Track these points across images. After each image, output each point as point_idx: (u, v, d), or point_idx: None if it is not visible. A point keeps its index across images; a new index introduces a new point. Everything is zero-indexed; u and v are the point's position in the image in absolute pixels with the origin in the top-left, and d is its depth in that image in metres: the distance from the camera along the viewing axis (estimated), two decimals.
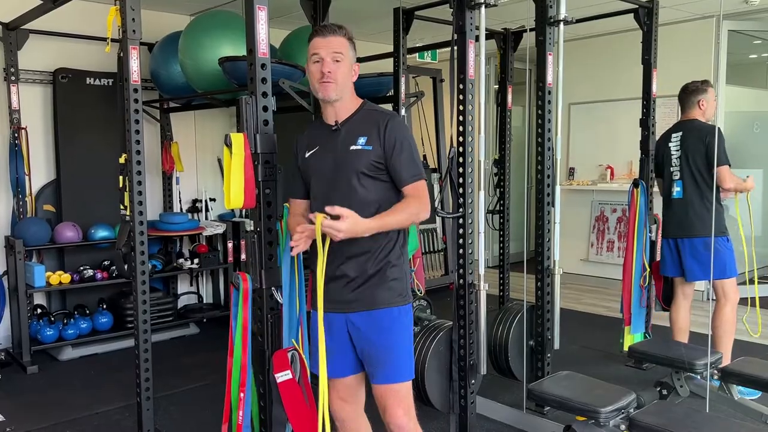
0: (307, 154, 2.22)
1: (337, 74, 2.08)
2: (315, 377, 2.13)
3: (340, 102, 2.15)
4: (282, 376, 2.30)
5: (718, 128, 3.67)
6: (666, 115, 5.91)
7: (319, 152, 2.19)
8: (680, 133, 3.81)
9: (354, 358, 2.22)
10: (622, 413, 2.44)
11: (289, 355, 2.34)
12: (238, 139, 2.28)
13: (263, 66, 2.34)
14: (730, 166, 3.66)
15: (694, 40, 5.78)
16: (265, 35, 2.34)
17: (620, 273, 4.10)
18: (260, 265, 2.37)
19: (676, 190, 3.79)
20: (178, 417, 3.53)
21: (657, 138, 4.03)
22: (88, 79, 4.79)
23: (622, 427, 2.43)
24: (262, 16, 2.33)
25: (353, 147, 2.11)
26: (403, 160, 2.10)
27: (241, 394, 2.37)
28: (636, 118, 4.14)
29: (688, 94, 3.87)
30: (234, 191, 2.28)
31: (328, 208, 1.93)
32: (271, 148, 2.35)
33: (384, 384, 2.16)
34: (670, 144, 3.84)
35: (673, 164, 3.82)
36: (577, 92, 6.33)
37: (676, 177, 3.80)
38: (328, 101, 2.14)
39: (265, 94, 2.34)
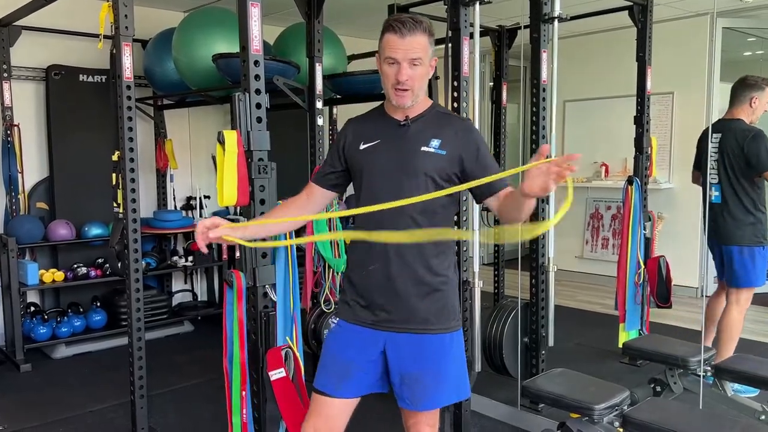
0: (362, 146, 1.97)
1: (414, 81, 1.87)
2: (318, 392, 2.00)
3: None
4: (276, 374, 2.30)
5: (760, 131, 3.55)
6: (660, 113, 5.92)
7: (380, 146, 1.95)
8: (720, 135, 3.64)
9: (376, 380, 1.99)
10: (616, 410, 2.45)
11: (283, 353, 2.33)
12: (231, 137, 2.27)
13: (256, 63, 2.32)
14: None
15: (689, 38, 5.78)
16: (258, 32, 2.32)
17: (615, 270, 4.10)
18: (253, 263, 2.36)
19: (714, 194, 3.65)
20: (172, 415, 3.52)
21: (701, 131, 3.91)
22: (81, 75, 4.77)
23: (616, 423, 2.43)
24: (255, 13, 2.32)
25: (424, 148, 1.90)
26: (491, 167, 1.94)
27: (243, 393, 2.36)
28: (630, 115, 4.13)
29: (744, 87, 3.63)
30: (227, 189, 2.27)
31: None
32: (264, 145, 2.34)
33: (428, 411, 1.99)
34: (710, 145, 3.69)
35: (711, 166, 3.69)
36: (572, 89, 6.32)
37: (714, 181, 3.67)
38: (401, 107, 1.93)
39: (258, 91, 2.32)
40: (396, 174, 1.91)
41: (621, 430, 2.44)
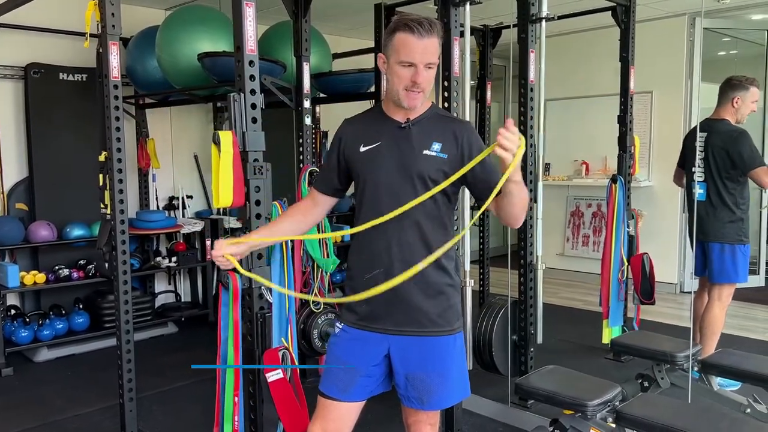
0: (362, 148, 1.94)
1: (426, 83, 1.85)
2: (325, 396, 1.99)
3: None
4: (272, 376, 2.29)
5: (744, 131, 3.60)
6: (640, 111, 6.00)
7: (381, 149, 1.92)
8: (705, 134, 3.67)
9: (380, 382, 1.99)
10: (608, 406, 2.48)
11: (280, 354, 2.32)
12: (226, 137, 2.25)
13: (251, 63, 2.31)
14: (765, 165, 3.54)
15: (668, 38, 5.87)
16: (253, 32, 2.31)
17: (596, 267, 4.14)
18: (249, 264, 2.34)
19: (699, 192, 3.69)
20: (160, 417, 3.49)
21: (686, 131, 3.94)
22: (61, 74, 4.69)
23: (609, 419, 2.47)
24: (249, 13, 2.30)
25: (426, 152, 1.89)
26: (492, 168, 1.90)
27: (236, 398, 2.34)
28: (610, 114, 4.17)
29: (727, 88, 3.67)
30: (223, 190, 2.25)
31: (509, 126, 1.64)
32: (259, 146, 2.32)
33: (432, 410, 2.00)
34: (696, 144, 3.73)
35: (697, 165, 3.72)
36: (553, 89, 6.34)
37: (700, 179, 3.70)
38: (410, 110, 1.92)
39: (253, 92, 2.31)
40: (398, 177, 1.89)
41: (613, 425, 2.47)
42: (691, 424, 2.26)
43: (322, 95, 4.70)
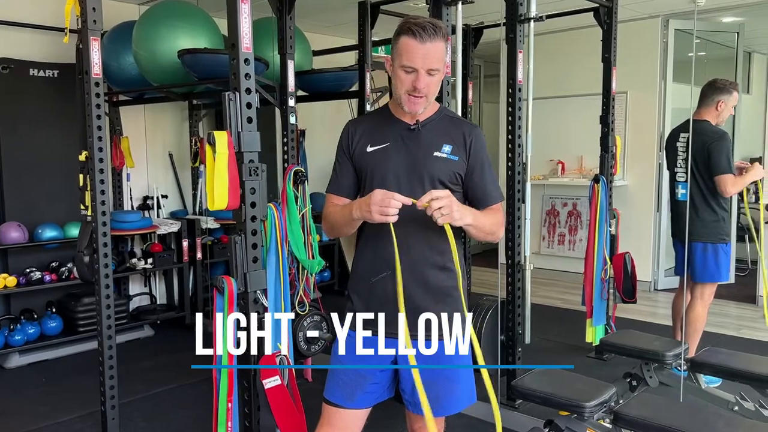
0: (369, 148, 1.93)
1: (429, 89, 1.83)
2: (330, 403, 1.97)
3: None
4: (270, 382, 2.23)
5: (725, 134, 3.65)
6: (616, 112, 6.05)
7: (389, 150, 1.91)
8: (687, 135, 3.70)
9: (386, 389, 1.98)
10: (605, 407, 2.48)
11: (277, 359, 2.27)
12: (221, 138, 2.19)
13: (246, 61, 2.26)
14: (734, 173, 3.60)
15: (642, 39, 5.94)
16: (248, 29, 2.26)
17: (572, 265, 4.15)
18: (245, 268, 2.28)
19: (681, 192, 3.74)
20: (142, 423, 3.39)
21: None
22: (31, 70, 4.52)
23: (606, 420, 2.47)
24: (245, 10, 2.25)
25: (437, 153, 1.88)
26: (490, 177, 1.94)
27: (229, 404, 2.27)
28: (586, 114, 4.19)
29: (712, 90, 3.70)
30: (218, 192, 2.19)
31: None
32: (254, 146, 2.27)
33: (439, 417, 1.98)
34: (677, 144, 3.78)
35: (678, 165, 3.77)
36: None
37: (681, 179, 3.74)
38: (413, 114, 1.90)
39: (248, 91, 2.26)
40: (408, 178, 1.87)
41: (609, 426, 2.48)
42: (689, 424, 2.28)
43: (302, 93, 4.63)
